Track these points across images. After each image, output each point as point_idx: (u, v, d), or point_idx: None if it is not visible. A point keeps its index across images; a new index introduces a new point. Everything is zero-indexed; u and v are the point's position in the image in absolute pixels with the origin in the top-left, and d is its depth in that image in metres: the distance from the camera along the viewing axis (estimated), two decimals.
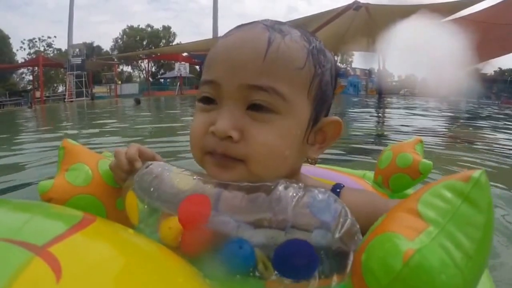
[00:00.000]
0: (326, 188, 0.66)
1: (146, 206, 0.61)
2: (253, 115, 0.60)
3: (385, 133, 6.10)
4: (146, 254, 0.48)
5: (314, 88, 0.64)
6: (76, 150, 0.78)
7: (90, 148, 0.82)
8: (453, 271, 0.39)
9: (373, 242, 0.44)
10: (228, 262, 0.51)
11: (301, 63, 0.62)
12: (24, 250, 0.35)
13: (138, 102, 19.48)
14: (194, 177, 0.60)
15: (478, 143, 4.99)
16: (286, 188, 0.53)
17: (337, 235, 0.48)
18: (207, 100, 0.64)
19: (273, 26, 0.64)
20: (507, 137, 5.65)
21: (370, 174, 1.33)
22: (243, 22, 0.68)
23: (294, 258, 0.49)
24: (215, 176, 0.61)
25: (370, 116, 8.81)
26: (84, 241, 0.43)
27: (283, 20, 0.71)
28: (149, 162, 0.66)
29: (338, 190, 0.69)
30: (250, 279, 0.51)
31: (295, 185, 0.53)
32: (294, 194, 0.52)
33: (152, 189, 0.61)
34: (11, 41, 43.86)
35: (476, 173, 0.44)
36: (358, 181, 1.25)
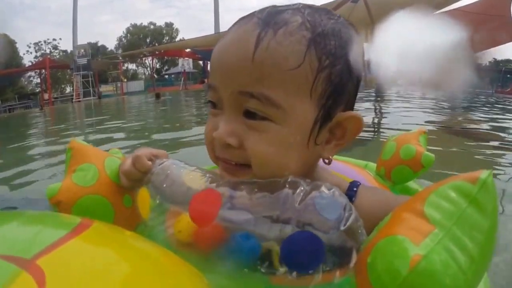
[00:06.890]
0: (342, 185, 0.66)
1: (158, 203, 0.62)
2: (248, 123, 0.58)
3: (381, 123, 6.17)
4: (141, 257, 0.47)
5: (320, 84, 0.57)
6: (83, 150, 0.78)
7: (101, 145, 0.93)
8: (456, 274, 0.40)
9: (380, 244, 0.44)
10: (234, 254, 0.52)
11: (296, 61, 0.55)
12: (13, 265, 0.36)
13: (158, 96, 19.28)
14: (206, 175, 0.61)
15: (476, 133, 5.05)
16: (293, 185, 0.53)
17: (341, 228, 0.49)
18: (214, 104, 0.63)
19: (266, 18, 0.57)
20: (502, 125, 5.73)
21: (372, 164, 1.30)
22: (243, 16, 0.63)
23: (300, 247, 0.49)
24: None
25: (367, 107, 8.94)
26: (71, 250, 0.42)
27: None
28: (163, 160, 0.67)
29: (355, 188, 0.66)
30: (256, 274, 0.51)
31: (302, 182, 0.53)
32: (302, 189, 0.52)
33: (164, 186, 0.62)
34: (17, 45, 44.02)
35: (483, 174, 0.44)
36: (361, 171, 1.19)
